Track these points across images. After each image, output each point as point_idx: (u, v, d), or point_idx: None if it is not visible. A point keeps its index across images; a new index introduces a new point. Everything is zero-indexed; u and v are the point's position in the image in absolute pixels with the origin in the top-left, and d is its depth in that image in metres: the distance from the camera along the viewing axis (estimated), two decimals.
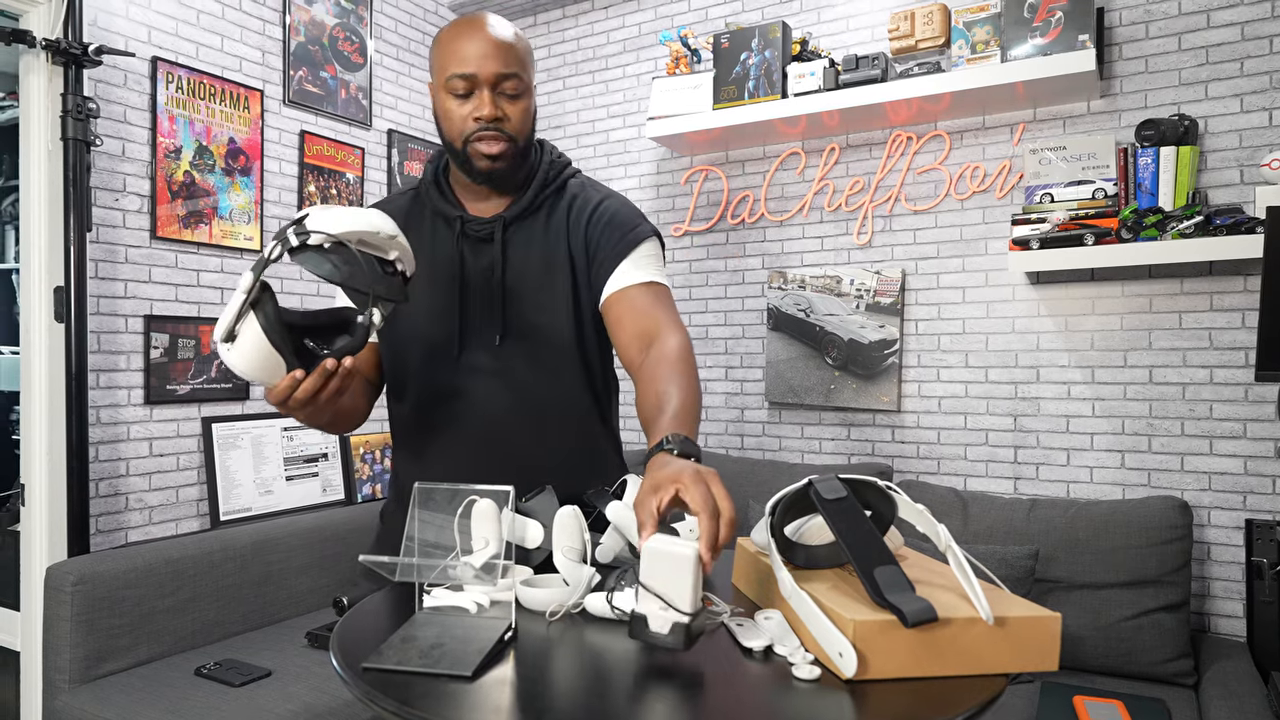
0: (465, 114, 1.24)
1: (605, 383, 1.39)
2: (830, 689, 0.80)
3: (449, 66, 1.23)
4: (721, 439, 2.80)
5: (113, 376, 2.18)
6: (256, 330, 0.95)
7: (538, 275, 1.31)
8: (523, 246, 1.31)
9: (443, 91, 1.26)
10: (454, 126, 1.25)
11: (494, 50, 1.23)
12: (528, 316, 1.30)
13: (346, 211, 1.01)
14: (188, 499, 2.35)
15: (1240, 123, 2.08)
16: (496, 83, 1.23)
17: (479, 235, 1.31)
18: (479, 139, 1.24)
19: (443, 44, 1.26)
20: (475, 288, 1.30)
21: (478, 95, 1.23)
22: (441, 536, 0.98)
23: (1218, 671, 1.85)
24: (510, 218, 1.31)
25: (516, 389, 1.30)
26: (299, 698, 1.81)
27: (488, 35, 1.23)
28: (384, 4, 2.93)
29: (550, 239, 1.32)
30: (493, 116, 1.23)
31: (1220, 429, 2.10)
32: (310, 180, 2.67)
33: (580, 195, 1.35)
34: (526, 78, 1.27)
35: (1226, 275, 2.09)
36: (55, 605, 1.89)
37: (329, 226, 0.98)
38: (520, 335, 1.30)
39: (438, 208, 1.33)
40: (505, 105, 1.25)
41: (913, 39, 2.37)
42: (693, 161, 2.88)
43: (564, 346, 1.31)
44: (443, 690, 0.78)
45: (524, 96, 1.27)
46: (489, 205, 1.33)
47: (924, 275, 2.47)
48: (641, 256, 1.30)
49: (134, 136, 2.23)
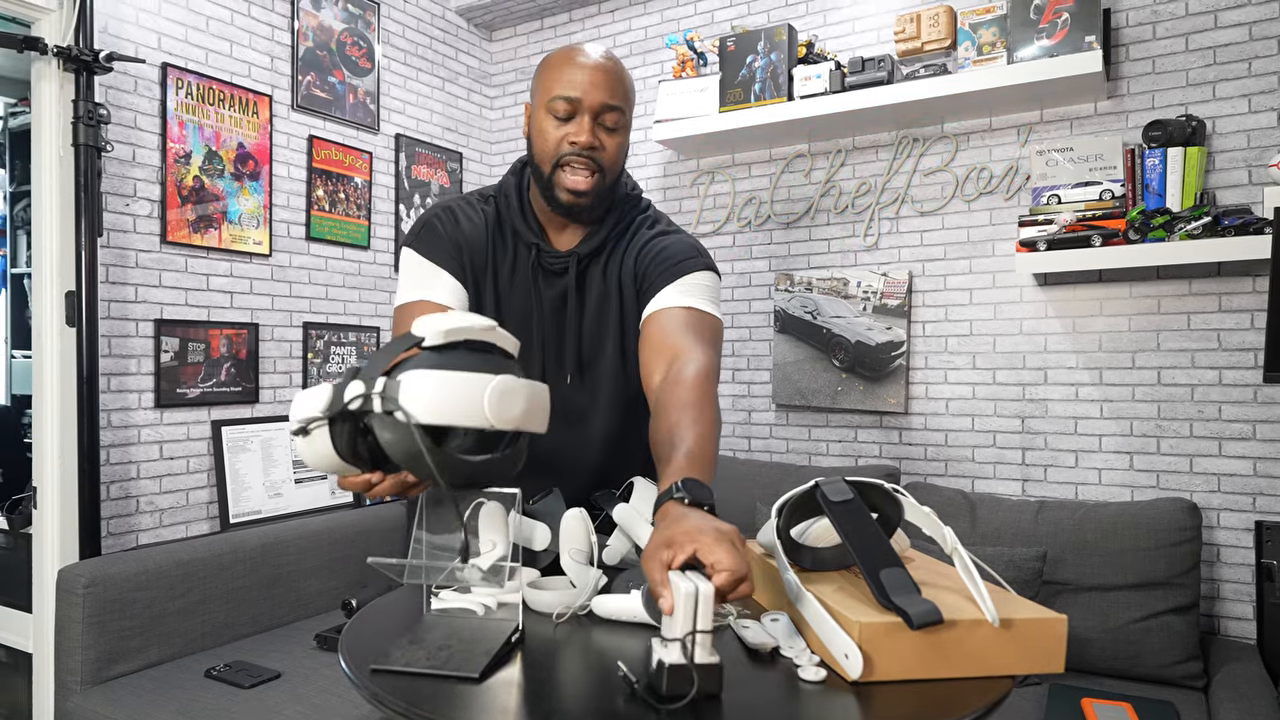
0: (561, 136, 1.23)
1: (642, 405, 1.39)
2: (836, 690, 0.80)
3: (555, 88, 1.23)
4: (729, 441, 2.80)
5: (123, 380, 2.20)
6: (327, 444, 0.84)
7: (601, 319, 1.32)
8: (589, 283, 1.32)
9: (542, 111, 1.25)
10: (547, 147, 1.25)
11: (603, 80, 1.23)
12: (589, 360, 1.32)
13: (452, 391, 0.81)
14: (198, 502, 2.36)
15: (1248, 123, 2.07)
16: (599, 112, 1.23)
17: (553, 269, 1.31)
18: (568, 164, 1.23)
19: (551, 65, 1.26)
20: (545, 320, 1.31)
21: (578, 120, 1.23)
22: (450, 539, 0.99)
23: (1227, 674, 1.84)
24: (584, 254, 1.30)
25: (568, 419, 1.30)
26: (308, 699, 1.82)
27: (599, 64, 1.24)
28: (391, 9, 2.95)
29: (608, 276, 1.32)
30: (589, 144, 1.22)
31: (1229, 430, 2.09)
32: (318, 185, 2.68)
33: (641, 233, 1.34)
34: (628, 114, 1.27)
35: (1235, 276, 2.08)
36: (67, 607, 1.90)
37: (415, 408, 0.80)
38: (582, 376, 1.32)
39: (517, 228, 1.32)
40: (603, 136, 1.25)
41: (919, 41, 2.37)
42: (699, 164, 2.88)
43: (614, 379, 1.33)
44: (450, 691, 0.79)
45: (622, 132, 1.27)
46: (566, 236, 1.33)
47: (931, 277, 2.47)
48: (690, 283, 1.27)
49: (144, 142, 2.25)
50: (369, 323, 2.86)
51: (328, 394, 0.83)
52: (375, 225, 2.88)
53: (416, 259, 1.30)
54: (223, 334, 2.42)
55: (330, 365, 2.72)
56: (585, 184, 1.23)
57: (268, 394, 2.55)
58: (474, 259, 1.31)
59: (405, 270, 1.31)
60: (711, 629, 0.76)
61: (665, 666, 0.74)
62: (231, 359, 2.44)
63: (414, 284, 1.29)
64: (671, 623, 0.77)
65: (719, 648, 0.90)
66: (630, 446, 1.36)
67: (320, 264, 2.70)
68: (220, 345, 2.41)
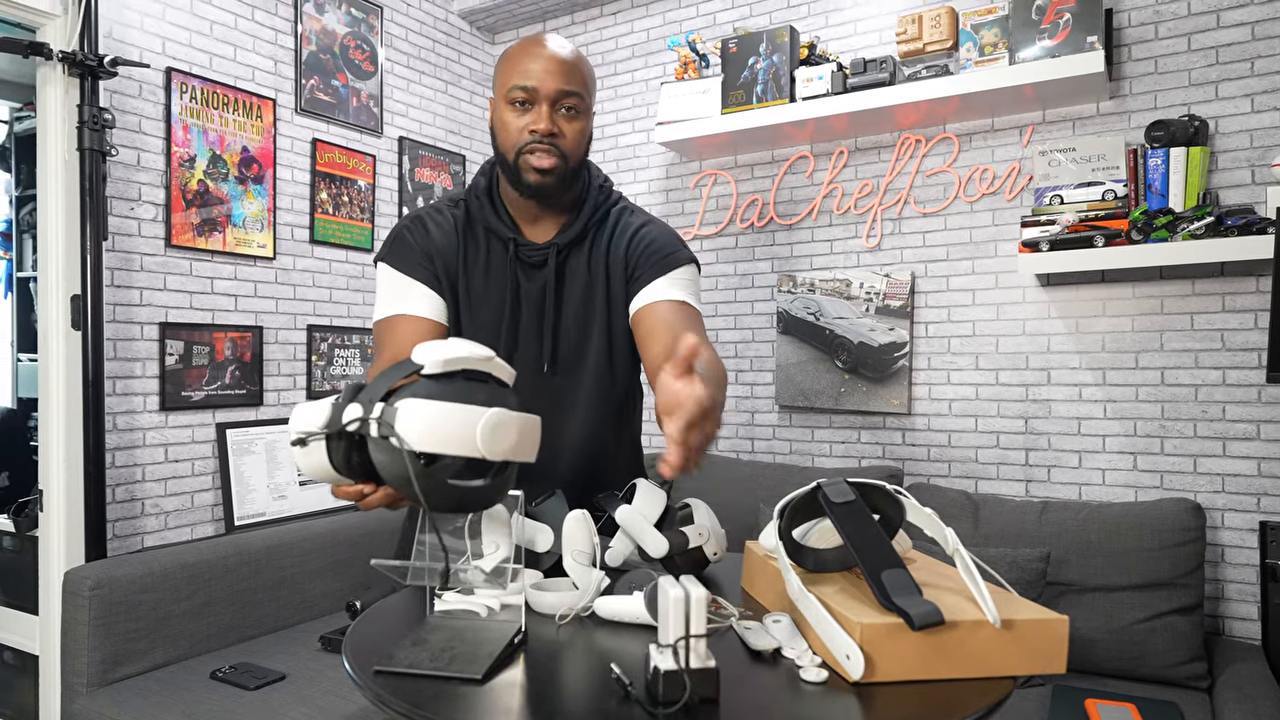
0: (521, 126, 1.26)
1: (632, 398, 1.42)
2: (838, 691, 0.80)
3: (511, 79, 1.26)
4: (732, 443, 2.81)
5: (129, 383, 2.21)
6: (323, 456, 0.87)
7: (583, 309, 1.34)
8: (570, 273, 1.34)
9: (503, 103, 1.28)
10: (509, 137, 1.27)
11: (558, 67, 1.26)
12: (570, 342, 1.33)
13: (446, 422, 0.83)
14: (202, 504, 2.37)
15: (1251, 123, 2.07)
16: (557, 99, 1.26)
17: (531, 261, 1.33)
18: (531, 151, 1.26)
19: (509, 58, 1.29)
20: (526, 311, 1.33)
21: (536, 109, 1.26)
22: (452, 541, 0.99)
23: (1232, 674, 1.84)
24: (564, 244, 1.33)
25: (552, 409, 1.31)
26: (313, 701, 1.82)
27: (553, 53, 1.27)
28: (394, 13, 2.96)
29: (593, 265, 1.35)
30: (548, 131, 1.25)
31: (1233, 430, 2.08)
32: (322, 188, 2.69)
33: (622, 221, 1.38)
34: (587, 99, 1.30)
35: (1238, 276, 2.08)
36: (73, 609, 1.91)
37: (410, 436, 0.82)
38: (563, 358, 1.33)
39: (491, 225, 1.34)
40: (562, 122, 1.27)
41: (920, 42, 2.37)
42: (701, 166, 2.89)
43: (599, 369, 1.34)
44: (453, 692, 0.79)
45: (581, 117, 1.29)
46: (540, 229, 1.35)
47: (933, 278, 2.47)
48: (678, 277, 1.32)
49: (149, 146, 2.26)
50: (372, 325, 2.87)
51: (327, 412, 0.86)
52: (379, 228, 2.88)
53: (390, 273, 1.33)
54: (227, 337, 2.42)
55: (334, 368, 2.73)
56: (549, 162, 1.26)
57: (272, 397, 2.55)
58: (446, 263, 1.33)
59: (380, 285, 1.34)
60: (705, 633, 0.76)
61: (661, 672, 0.74)
62: (236, 362, 2.45)
63: (389, 298, 1.31)
64: (665, 628, 0.77)
65: (722, 649, 0.90)
66: (616, 437, 1.38)
67: (324, 267, 2.71)
68: (225, 348, 2.42)
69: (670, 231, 1.38)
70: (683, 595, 0.76)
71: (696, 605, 0.76)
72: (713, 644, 0.90)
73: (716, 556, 1.19)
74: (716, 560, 1.19)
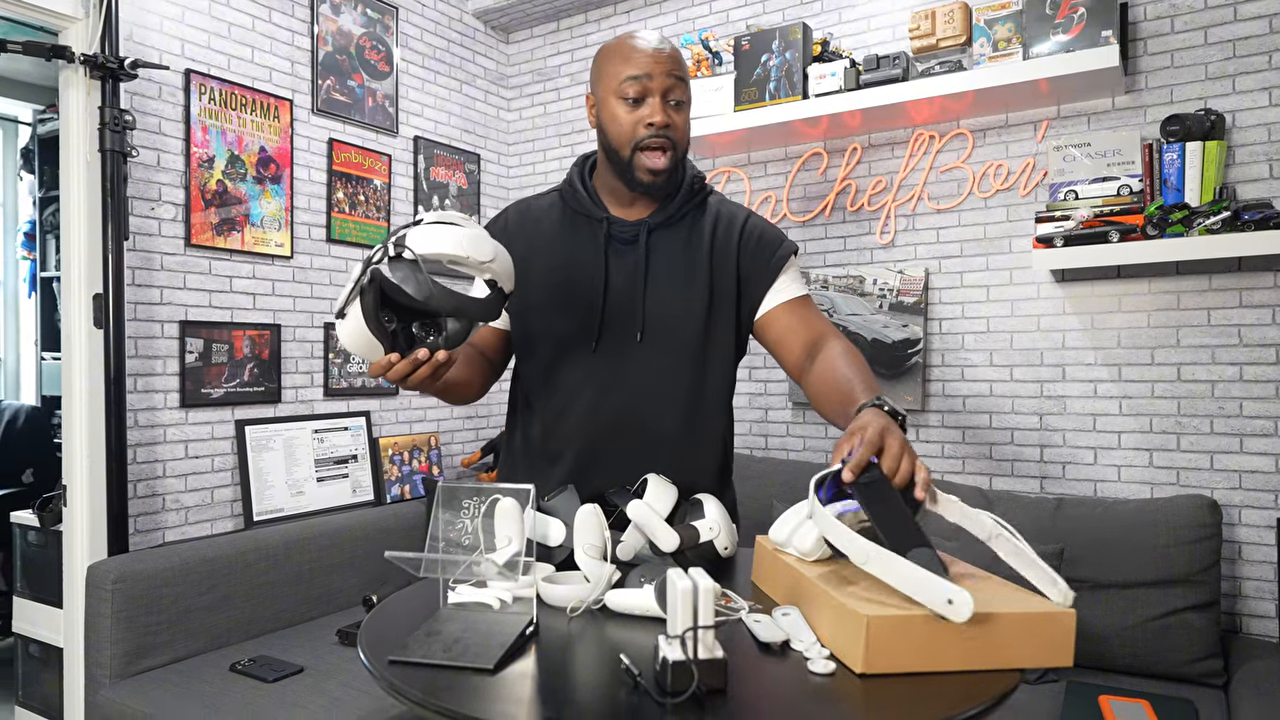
0: (635, 120, 1.29)
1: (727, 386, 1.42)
2: (845, 683, 0.81)
3: (623, 71, 1.29)
4: (746, 440, 2.81)
5: (150, 381, 2.24)
6: (358, 315, 1.05)
7: (679, 282, 1.36)
8: (665, 253, 1.37)
9: (612, 98, 1.31)
10: (623, 132, 1.30)
11: (666, 58, 1.30)
12: (664, 319, 1.35)
13: (443, 233, 1.07)
14: (222, 500, 2.41)
15: (1269, 116, 2.05)
16: (667, 91, 1.29)
17: (623, 237, 1.36)
18: (647, 147, 1.29)
19: (613, 52, 1.32)
20: (616, 288, 1.35)
21: (650, 102, 1.29)
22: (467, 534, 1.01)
23: (1248, 672, 1.83)
24: (655, 224, 1.36)
25: (643, 385, 1.34)
26: (330, 693, 1.85)
27: (659, 46, 1.31)
28: (409, 13, 2.98)
29: (692, 249, 1.37)
30: (665, 123, 1.28)
31: (1250, 427, 2.07)
32: (339, 187, 2.72)
33: (724, 211, 1.42)
34: (689, 91, 1.34)
35: (1256, 271, 2.06)
36: (96, 603, 1.95)
37: (417, 246, 1.05)
38: (654, 335, 1.35)
39: (583, 208, 1.38)
40: (672, 114, 1.30)
41: (934, 38, 2.36)
42: (715, 163, 2.89)
43: (693, 351, 1.36)
44: (466, 683, 0.80)
45: (687, 107, 1.34)
46: (633, 210, 1.39)
47: (947, 274, 2.46)
48: (793, 274, 1.40)
49: (168, 147, 2.29)
50: None
51: (358, 267, 1.07)
52: (394, 226, 2.91)
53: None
54: (245, 335, 2.46)
55: (350, 365, 2.76)
56: (663, 163, 1.30)
57: (290, 394, 2.59)
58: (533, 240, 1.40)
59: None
60: (713, 625, 0.77)
61: (669, 663, 0.75)
62: (254, 359, 2.48)
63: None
64: (674, 619, 0.78)
65: (731, 641, 0.91)
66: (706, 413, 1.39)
67: (341, 265, 2.74)
68: (243, 346, 2.45)
69: (769, 223, 1.44)
70: (691, 587, 0.77)
71: (704, 597, 0.77)
72: (722, 636, 0.91)
73: (728, 551, 1.20)
74: (728, 555, 1.20)
